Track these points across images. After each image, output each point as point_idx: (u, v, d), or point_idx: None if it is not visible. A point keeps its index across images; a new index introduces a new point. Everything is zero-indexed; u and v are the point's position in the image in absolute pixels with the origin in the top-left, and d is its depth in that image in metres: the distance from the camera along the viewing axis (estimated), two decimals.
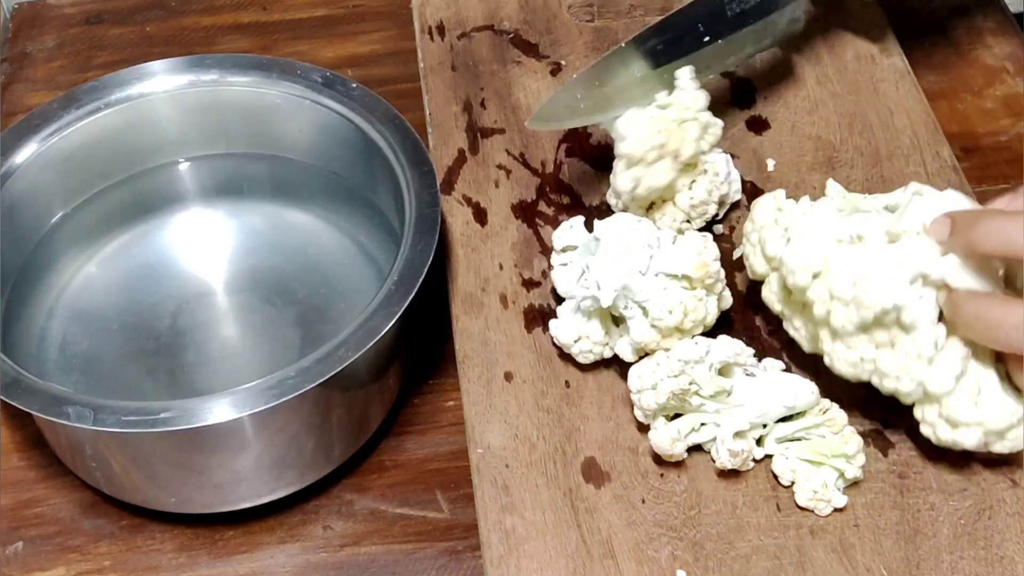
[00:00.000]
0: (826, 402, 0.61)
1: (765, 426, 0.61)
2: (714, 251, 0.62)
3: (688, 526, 0.59)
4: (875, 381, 0.58)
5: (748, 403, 0.60)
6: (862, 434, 0.61)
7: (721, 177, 0.69)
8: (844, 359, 0.59)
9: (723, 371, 0.61)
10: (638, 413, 0.62)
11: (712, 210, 0.70)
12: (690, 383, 0.59)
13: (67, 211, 0.72)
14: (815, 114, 0.77)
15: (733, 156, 0.73)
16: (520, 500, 0.60)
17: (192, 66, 0.72)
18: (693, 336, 0.62)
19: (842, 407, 0.61)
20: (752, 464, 0.61)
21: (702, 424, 0.61)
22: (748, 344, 0.66)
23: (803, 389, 0.61)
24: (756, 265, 0.63)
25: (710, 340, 0.61)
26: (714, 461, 0.61)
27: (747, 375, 0.61)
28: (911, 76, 0.79)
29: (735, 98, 0.78)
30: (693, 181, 0.68)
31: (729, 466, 0.60)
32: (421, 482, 0.66)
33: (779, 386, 0.61)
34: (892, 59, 0.80)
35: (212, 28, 0.91)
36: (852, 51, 0.80)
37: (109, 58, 0.89)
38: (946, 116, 0.80)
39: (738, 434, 0.60)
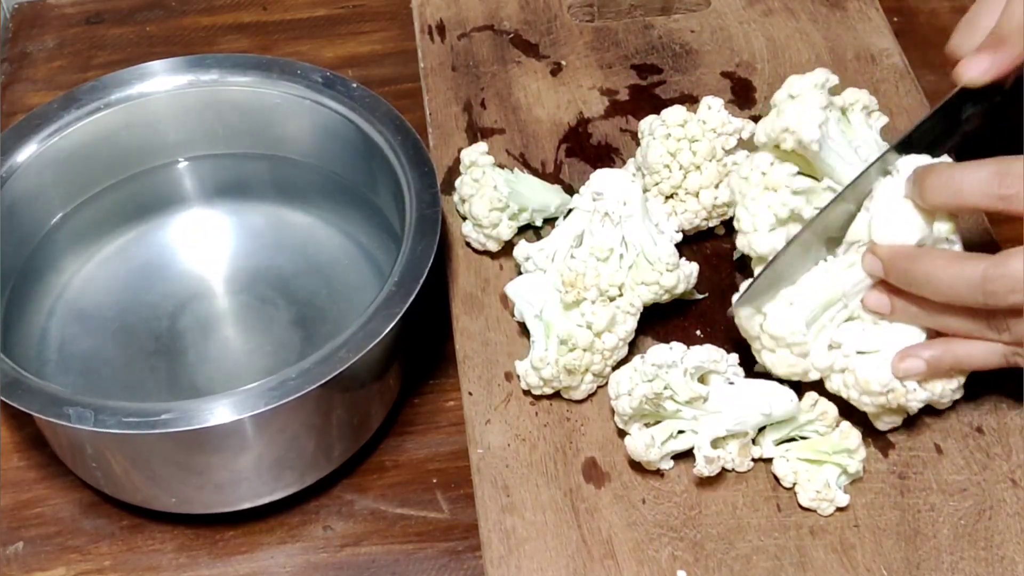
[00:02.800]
0: (813, 395, 0.60)
1: (747, 434, 0.61)
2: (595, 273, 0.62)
3: (688, 526, 0.59)
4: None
5: (725, 410, 0.60)
6: (862, 435, 0.61)
7: None
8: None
9: (702, 378, 0.61)
10: (617, 420, 0.61)
11: (732, 212, 0.69)
12: (664, 387, 0.59)
13: (67, 211, 0.72)
14: None
15: None
16: (520, 500, 0.60)
17: (192, 66, 0.72)
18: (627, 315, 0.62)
19: (840, 410, 0.61)
20: (751, 464, 0.61)
21: (680, 432, 0.60)
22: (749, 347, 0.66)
23: (780, 397, 0.60)
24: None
25: (684, 346, 0.60)
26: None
27: (728, 383, 0.61)
28: (911, 76, 0.79)
29: (735, 98, 0.78)
30: (720, 181, 0.67)
31: (705, 473, 0.59)
32: (421, 482, 0.66)
33: (757, 394, 0.60)
34: (892, 59, 0.80)
35: (212, 28, 0.91)
36: (852, 51, 0.80)
37: (109, 58, 0.89)
38: None
39: (717, 441, 0.60)
